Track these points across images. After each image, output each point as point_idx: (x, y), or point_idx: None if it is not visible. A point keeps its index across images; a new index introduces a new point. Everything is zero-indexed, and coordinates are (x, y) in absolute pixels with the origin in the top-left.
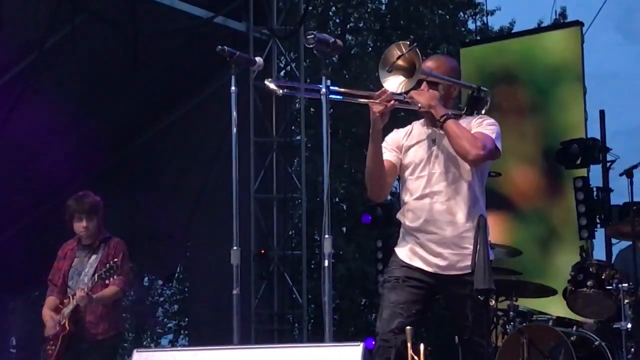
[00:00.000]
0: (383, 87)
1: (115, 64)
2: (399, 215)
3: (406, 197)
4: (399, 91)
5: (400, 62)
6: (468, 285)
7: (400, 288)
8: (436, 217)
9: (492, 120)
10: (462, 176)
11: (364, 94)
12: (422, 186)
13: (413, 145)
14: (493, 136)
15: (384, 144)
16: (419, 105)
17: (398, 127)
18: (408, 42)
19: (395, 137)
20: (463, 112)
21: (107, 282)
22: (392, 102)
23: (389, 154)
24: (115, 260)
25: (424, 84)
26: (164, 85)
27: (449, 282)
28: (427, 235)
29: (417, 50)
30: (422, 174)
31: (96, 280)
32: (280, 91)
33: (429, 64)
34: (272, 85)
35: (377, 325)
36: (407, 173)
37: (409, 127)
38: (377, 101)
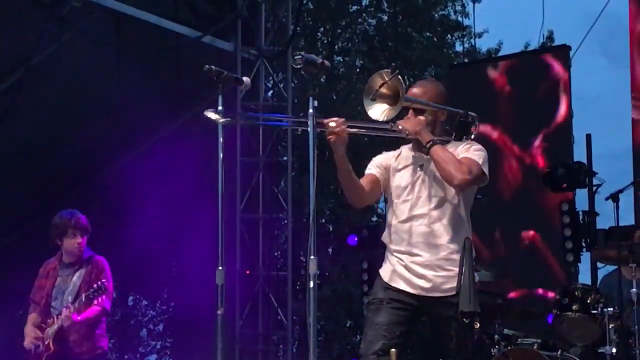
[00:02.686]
0: (368, 113)
1: (100, 81)
2: (383, 238)
3: (392, 220)
4: (382, 119)
5: (383, 90)
6: (452, 307)
7: (384, 310)
8: (421, 239)
9: (479, 146)
10: (448, 200)
11: (321, 122)
12: (407, 209)
13: (400, 170)
14: (480, 161)
15: (371, 163)
16: (406, 132)
17: (387, 150)
18: (390, 70)
19: (384, 157)
20: (451, 137)
21: (94, 302)
22: (343, 129)
23: (374, 170)
24: (103, 280)
25: (410, 111)
26: (150, 104)
27: (433, 304)
28: (411, 258)
29: (400, 77)
30: (408, 198)
31: (83, 300)
32: (221, 120)
33: (415, 90)
34: (212, 116)
35: (361, 347)
36: (394, 196)
37: (397, 151)
38: (327, 130)
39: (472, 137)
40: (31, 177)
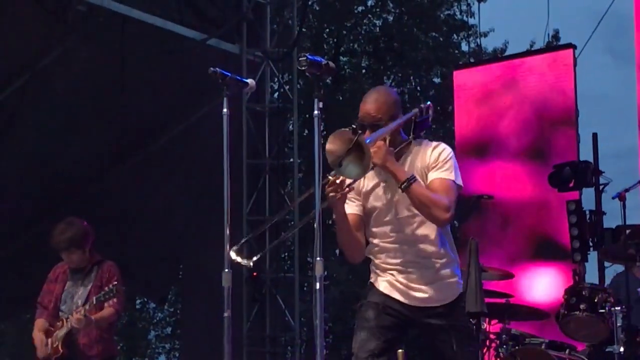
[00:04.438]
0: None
1: (106, 85)
2: (368, 253)
3: (375, 240)
4: (365, 174)
5: (341, 149)
6: (445, 317)
7: (378, 313)
8: (409, 259)
9: (446, 154)
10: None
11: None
12: (389, 231)
13: (371, 191)
14: (453, 177)
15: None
16: (375, 164)
17: None
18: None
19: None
20: (410, 138)
21: (105, 305)
22: (346, 189)
23: (353, 206)
24: (115, 283)
25: (367, 131)
26: (156, 107)
27: (427, 314)
28: (402, 275)
29: (348, 130)
30: (386, 219)
31: (94, 303)
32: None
33: (368, 107)
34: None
35: (354, 347)
36: (371, 218)
37: None
38: (331, 188)
39: (430, 120)
40: (37, 181)
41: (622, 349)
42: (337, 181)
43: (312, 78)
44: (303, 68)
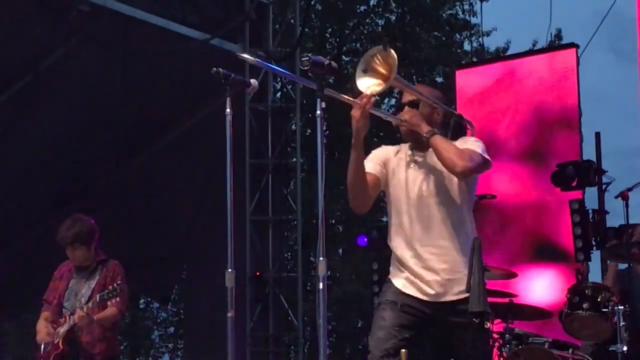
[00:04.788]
0: (357, 83)
1: (109, 85)
2: (389, 240)
3: (394, 221)
4: (370, 92)
5: (378, 67)
6: (465, 315)
7: (395, 311)
8: (426, 243)
9: (475, 138)
10: (451, 199)
11: (349, 99)
12: (407, 209)
13: (400, 169)
14: (479, 150)
15: (370, 156)
16: (404, 119)
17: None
18: (381, 46)
19: (383, 152)
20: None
21: (108, 303)
22: (367, 101)
23: (372, 166)
24: (119, 282)
25: (406, 107)
26: (158, 107)
27: (445, 310)
28: (419, 263)
29: (393, 52)
30: (408, 197)
31: (97, 301)
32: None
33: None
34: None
35: (370, 344)
36: (392, 196)
37: (397, 147)
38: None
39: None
40: (41, 181)
41: (625, 348)
42: (362, 102)
43: (315, 78)
44: (306, 68)
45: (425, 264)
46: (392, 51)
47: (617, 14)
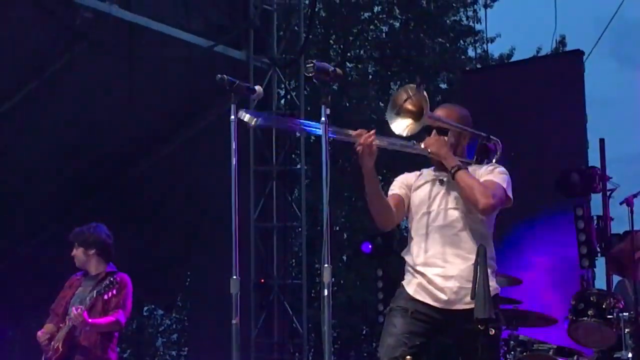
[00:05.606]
0: (391, 128)
1: (114, 92)
2: (403, 254)
3: (412, 234)
4: (405, 134)
5: (408, 106)
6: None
7: (406, 318)
8: (441, 250)
9: (502, 169)
10: (471, 212)
11: (349, 134)
12: (427, 222)
13: (421, 186)
14: (504, 185)
15: (394, 183)
16: (430, 152)
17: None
18: (415, 85)
19: (406, 177)
20: (472, 160)
21: (104, 297)
22: (373, 140)
23: (397, 190)
24: (118, 280)
25: (434, 131)
26: (163, 114)
27: (457, 317)
28: (433, 269)
29: (425, 93)
30: (428, 210)
31: (94, 296)
32: (253, 122)
33: (439, 112)
34: (246, 117)
35: (380, 352)
36: (413, 212)
37: (419, 172)
38: (360, 141)
39: (494, 161)
40: (45, 188)
41: (630, 355)
42: (369, 137)
43: (319, 84)
44: (310, 74)
45: (440, 271)
46: (424, 91)
47: (620, 19)
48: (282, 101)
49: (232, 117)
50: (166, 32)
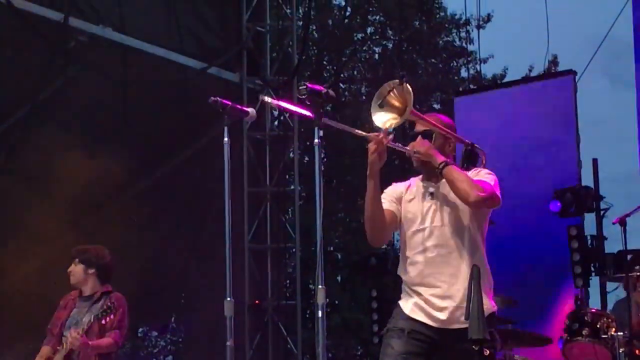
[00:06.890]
0: (373, 118)
1: (107, 115)
2: (399, 272)
3: (407, 252)
4: (386, 127)
5: (393, 101)
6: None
7: (404, 339)
8: (437, 270)
9: (488, 170)
10: (463, 227)
11: (362, 134)
12: (422, 240)
13: (412, 200)
14: (492, 184)
15: (383, 195)
16: (416, 151)
17: (396, 181)
18: (398, 80)
19: (394, 189)
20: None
21: (102, 322)
22: (385, 136)
23: (388, 204)
24: (114, 301)
25: (419, 137)
26: (157, 137)
27: (454, 337)
28: (429, 290)
29: (409, 87)
30: (421, 227)
31: (92, 320)
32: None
33: (425, 116)
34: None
35: None
36: (406, 227)
37: (407, 182)
38: (373, 140)
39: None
40: (39, 209)
41: None
42: (380, 136)
43: (313, 106)
44: (303, 96)
45: (437, 290)
46: (408, 85)
47: (611, 39)
48: (276, 123)
49: (225, 139)
50: (160, 54)
